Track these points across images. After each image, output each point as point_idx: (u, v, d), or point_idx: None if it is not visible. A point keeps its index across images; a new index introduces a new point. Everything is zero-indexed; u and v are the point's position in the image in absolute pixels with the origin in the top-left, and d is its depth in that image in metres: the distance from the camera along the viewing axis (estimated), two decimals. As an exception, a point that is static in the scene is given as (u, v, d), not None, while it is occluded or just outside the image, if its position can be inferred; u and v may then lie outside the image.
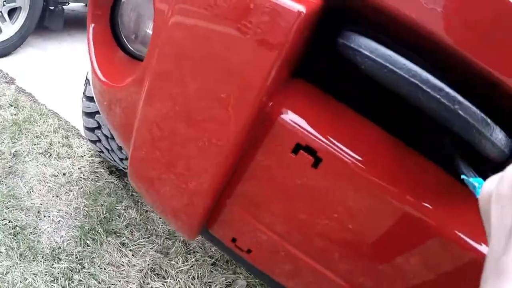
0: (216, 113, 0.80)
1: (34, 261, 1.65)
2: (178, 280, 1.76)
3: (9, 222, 1.77)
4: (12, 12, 3.12)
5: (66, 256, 1.71)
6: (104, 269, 1.71)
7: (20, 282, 1.57)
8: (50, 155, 2.20)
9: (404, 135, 0.85)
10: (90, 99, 1.76)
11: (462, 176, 0.67)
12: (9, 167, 2.03)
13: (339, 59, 0.81)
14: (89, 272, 1.67)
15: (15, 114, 2.42)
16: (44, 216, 1.86)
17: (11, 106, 2.49)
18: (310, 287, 0.99)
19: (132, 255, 1.80)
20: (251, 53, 0.73)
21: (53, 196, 1.97)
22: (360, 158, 0.78)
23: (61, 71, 3.12)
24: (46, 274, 1.62)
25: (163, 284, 1.72)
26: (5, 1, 3.02)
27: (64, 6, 3.49)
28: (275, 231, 0.92)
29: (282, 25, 0.70)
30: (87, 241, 1.79)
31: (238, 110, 0.77)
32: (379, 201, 0.79)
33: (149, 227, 1.96)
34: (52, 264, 1.66)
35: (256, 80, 0.74)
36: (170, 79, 0.85)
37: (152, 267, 1.78)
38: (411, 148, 0.84)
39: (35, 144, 2.23)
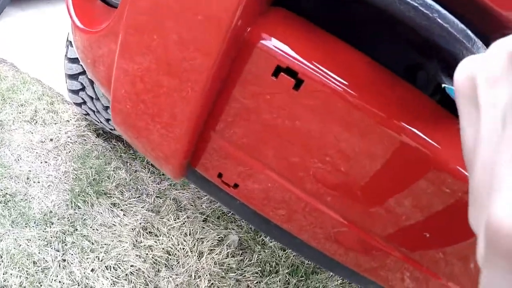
0: (189, 48, 0.79)
1: (26, 227, 1.67)
2: (171, 237, 1.78)
3: (-1, 190, 1.77)
4: (-14, -19, 3.03)
5: (58, 219, 1.72)
6: (97, 230, 1.73)
7: (14, 248, 1.58)
8: (36, 122, 2.18)
9: (385, 61, 0.84)
10: (72, 60, 1.74)
11: (443, 85, 0.67)
12: (-5, 137, 2.02)
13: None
14: (81, 233, 1.69)
15: (-3, 84, 2.39)
16: (34, 182, 1.86)
17: (-7, 76, 2.46)
18: (300, 220, 0.99)
19: (124, 214, 1.82)
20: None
21: (41, 162, 1.97)
22: (341, 80, 0.77)
23: (42, 39, 3.06)
24: (39, 239, 1.63)
25: (156, 242, 1.75)
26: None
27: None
28: (260, 160, 0.91)
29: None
30: (78, 204, 1.80)
31: (212, 39, 0.76)
32: (363, 124, 0.78)
33: (139, 186, 1.97)
34: (45, 229, 1.68)
35: (227, 8, 0.73)
36: (143, 26, 0.83)
37: (144, 226, 1.80)
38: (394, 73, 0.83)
39: (20, 113, 2.21)
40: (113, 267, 1.61)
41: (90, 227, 1.72)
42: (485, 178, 0.26)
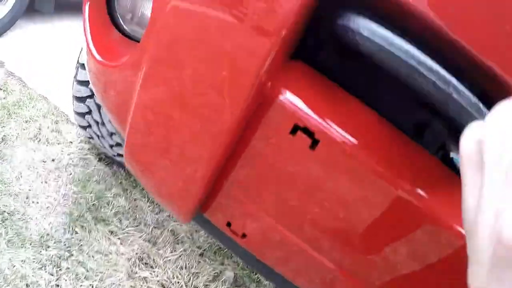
0: (214, 97, 0.80)
1: (22, 247, 1.65)
2: (166, 270, 1.76)
3: (-3, 207, 1.76)
4: (1, -6, 3.06)
5: (54, 243, 1.71)
6: (93, 257, 1.71)
7: (8, 269, 1.56)
8: (39, 140, 2.18)
9: (398, 122, 0.86)
10: (81, 83, 1.74)
11: (452, 155, 0.68)
12: (-2, 152, 2.01)
13: (336, 41, 0.82)
14: (77, 259, 1.67)
15: (4, 98, 2.39)
16: (33, 202, 1.85)
17: (0, 89, 2.45)
18: (305, 274, 1.00)
19: (121, 243, 1.80)
20: (249, 39, 0.74)
21: (41, 182, 1.96)
22: (356, 142, 0.79)
23: (51, 56, 3.08)
24: (34, 261, 1.61)
25: (151, 273, 1.73)
26: (-6, -18, 2.96)
27: (54, -11, 3.44)
28: (272, 214, 0.92)
29: (278, 10, 0.70)
30: (76, 229, 1.79)
31: (236, 90, 0.77)
32: (376, 186, 0.80)
33: (137, 215, 1.96)
34: (40, 251, 1.66)
35: (254, 62, 0.74)
36: (168, 66, 0.84)
37: (140, 256, 1.78)
38: (406, 135, 0.85)
39: (24, 129, 2.21)
40: (107, 297, 1.59)
41: (86, 254, 1.71)
42: (488, 243, 0.27)
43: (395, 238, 0.86)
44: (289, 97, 0.79)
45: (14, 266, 1.57)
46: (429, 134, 0.95)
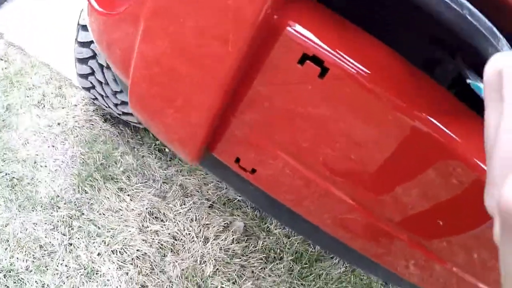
0: (216, 29, 0.79)
1: (33, 211, 1.68)
2: (177, 223, 1.78)
3: (6, 174, 1.78)
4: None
5: (64, 204, 1.73)
6: (103, 214, 1.73)
7: (21, 232, 1.60)
8: (44, 106, 2.18)
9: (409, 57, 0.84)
10: (83, 44, 1.72)
11: (468, 81, 0.67)
12: (3, 121, 2.02)
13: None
14: (88, 218, 1.70)
15: (5, 68, 2.38)
16: (41, 166, 1.87)
17: (1, 60, 2.44)
18: (316, 207, 1.00)
19: (130, 199, 1.82)
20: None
21: (48, 146, 1.97)
22: (366, 69, 0.77)
23: (50, 23, 3.04)
24: (45, 223, 1.65)
25: (162, 227, 1.75)
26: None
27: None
28: (281, 147, 0.92)
29: None
30: (85, 188, 1.81)
31: (241, 23, 0.76)
32: (386, 113, 0.79)
33: (146, 172, 1.96)
34: (51, 213, 1.69)
35: None
36: (167, 12, 0.83)
37: (150, 211, 1.80)
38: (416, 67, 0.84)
39: (27, 96, 2.21)
40: (119, 252, 1.62)
41: (97, 212, 1.73)
42: (503, 164, 0.28)
43: (409, 169, 0.86)
44: (296, 27, 0.77)
45: (26, 230, 1.61)
46: (441, 69, 0.94)
